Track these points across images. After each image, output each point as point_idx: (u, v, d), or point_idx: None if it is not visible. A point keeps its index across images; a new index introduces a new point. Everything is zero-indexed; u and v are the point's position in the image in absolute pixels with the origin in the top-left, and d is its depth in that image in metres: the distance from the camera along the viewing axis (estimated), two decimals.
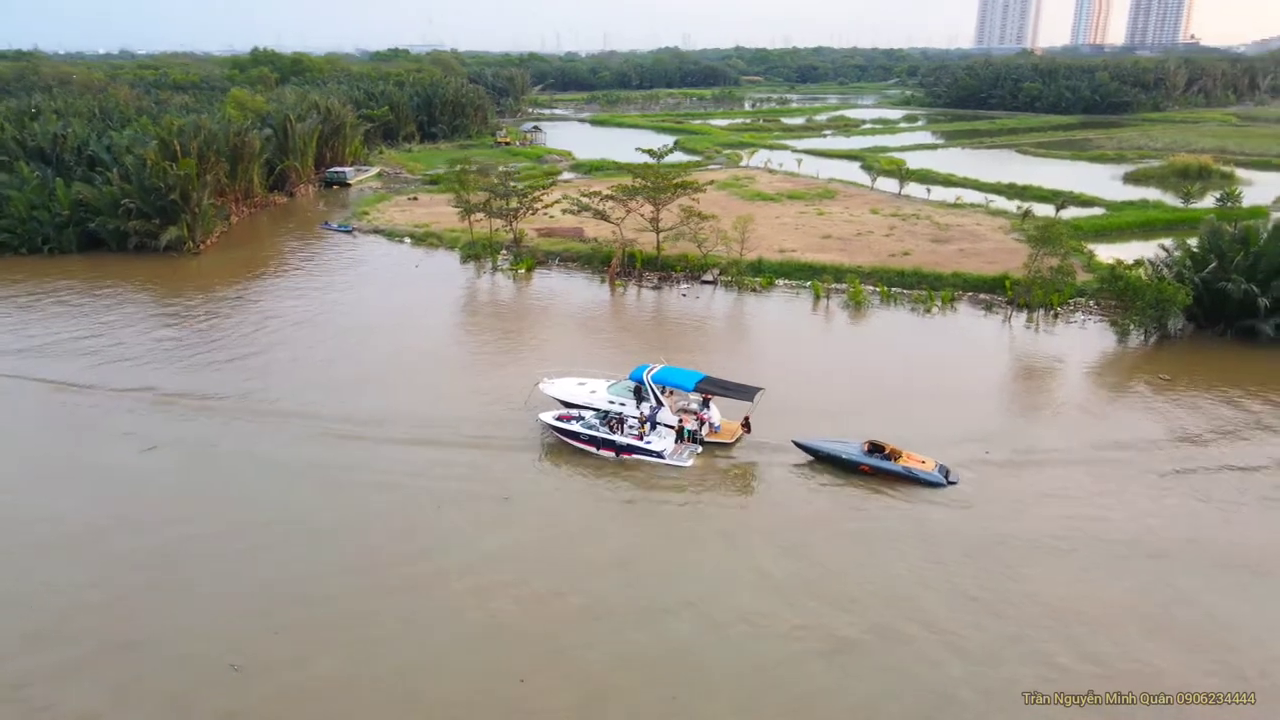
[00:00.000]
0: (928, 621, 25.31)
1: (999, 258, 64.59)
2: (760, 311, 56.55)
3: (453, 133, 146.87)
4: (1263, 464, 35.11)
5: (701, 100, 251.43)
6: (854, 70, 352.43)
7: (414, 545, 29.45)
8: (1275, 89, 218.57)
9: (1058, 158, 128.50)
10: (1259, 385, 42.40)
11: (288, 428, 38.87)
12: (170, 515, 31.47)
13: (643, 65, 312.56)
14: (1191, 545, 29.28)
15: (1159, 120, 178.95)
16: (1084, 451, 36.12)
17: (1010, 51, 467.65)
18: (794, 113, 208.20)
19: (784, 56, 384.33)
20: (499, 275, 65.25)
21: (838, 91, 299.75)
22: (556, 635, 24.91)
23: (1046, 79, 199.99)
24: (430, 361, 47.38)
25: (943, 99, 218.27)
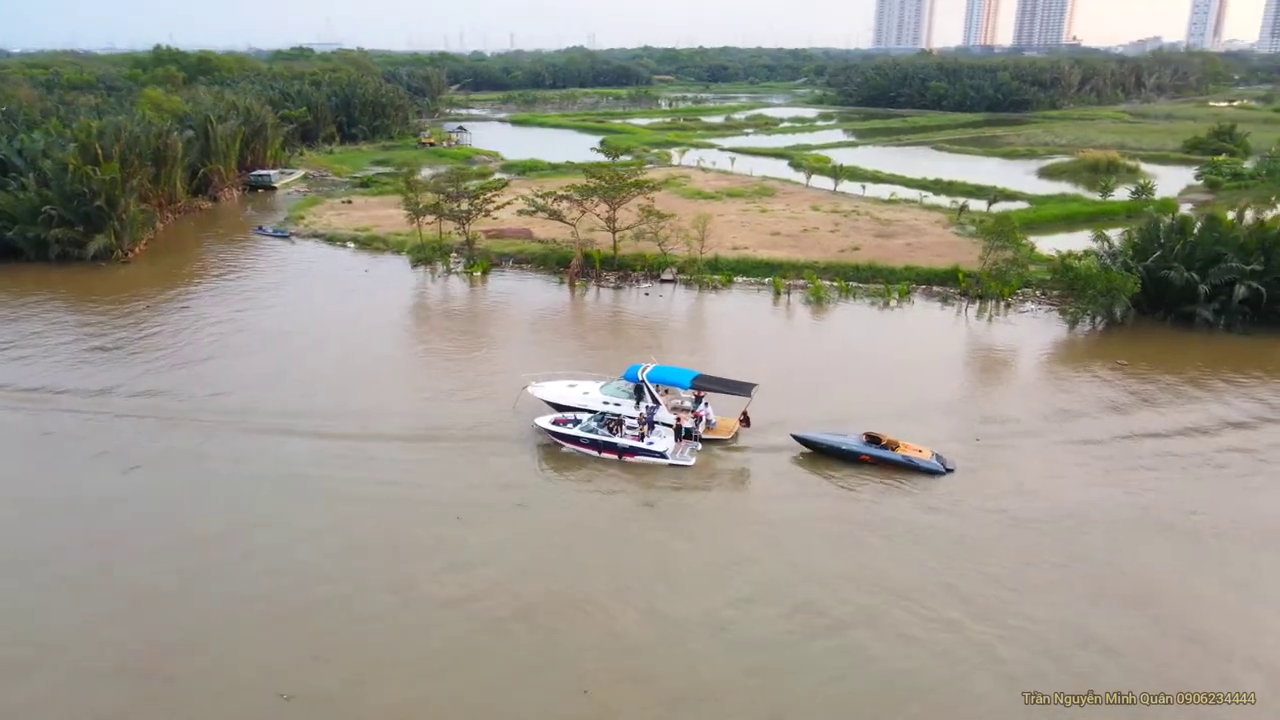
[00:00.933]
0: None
1: (944, 251, 66.73)
2: (725, 309, 57.05)
3: (373, 134, 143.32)
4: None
5: (617, 100, 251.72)
6: (763, 70, 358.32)
7: (445, 558, 28.65)
8: (1159, 87, 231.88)
9: (971, 154, 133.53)
10: (1209, 366, 45.00)
11: (275, 440, 37.36)
12: (181, 541, 29.77)
13: (555, 65, 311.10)
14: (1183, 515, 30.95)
15: (1057, 117, 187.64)
16: (1075, 431, 37.77)
17: (908, 52, 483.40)
18: (712, 111, 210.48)
19: (693, 56, 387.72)
20: (453, 279, 64.02)
21: (748, 90, 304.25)
22: (612, 645, 24.49)
23: (951, 78, 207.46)
24: (405, 367, 46.41)
25: (853, 98, 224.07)
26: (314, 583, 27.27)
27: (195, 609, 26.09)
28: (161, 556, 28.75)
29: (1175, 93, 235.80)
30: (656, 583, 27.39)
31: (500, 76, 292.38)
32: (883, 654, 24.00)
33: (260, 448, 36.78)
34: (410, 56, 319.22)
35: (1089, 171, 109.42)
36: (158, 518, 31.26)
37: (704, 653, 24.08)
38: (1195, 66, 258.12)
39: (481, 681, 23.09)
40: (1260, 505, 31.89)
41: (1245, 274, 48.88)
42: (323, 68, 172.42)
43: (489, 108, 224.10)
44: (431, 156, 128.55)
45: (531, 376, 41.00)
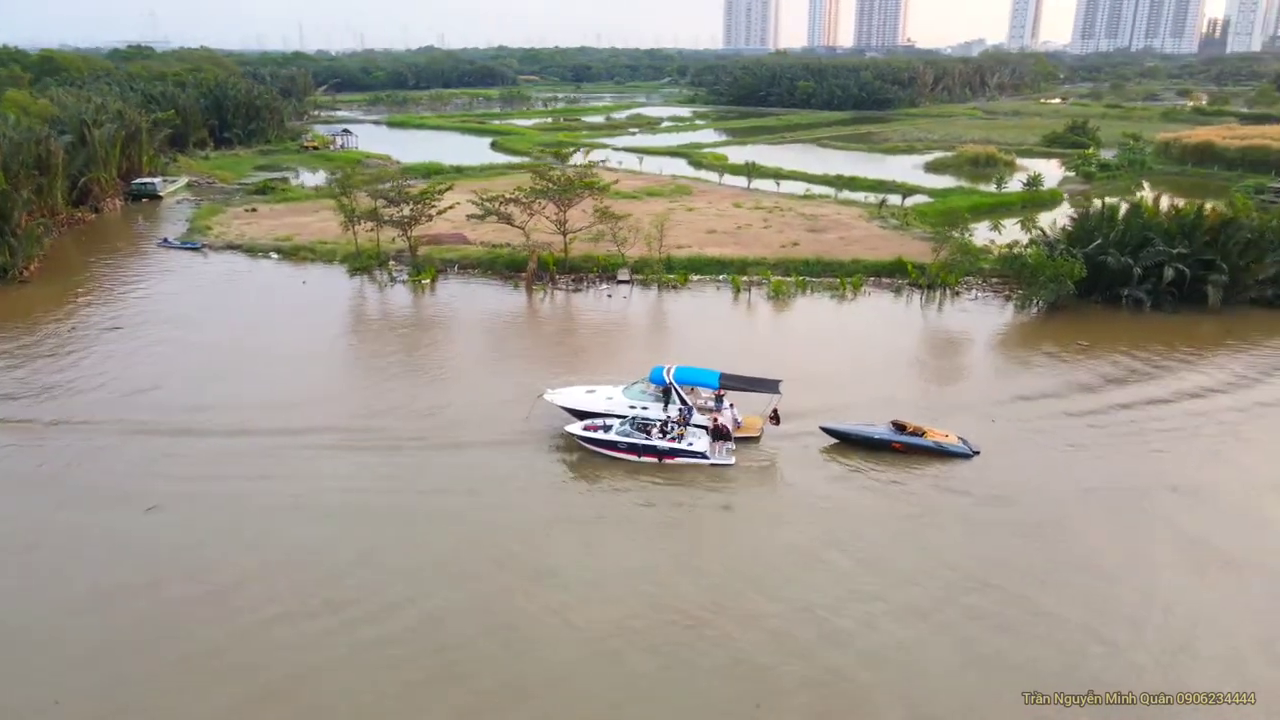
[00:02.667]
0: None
1: (877, 244, 69.55)
2: (691, 307, 57.36)
3: (249, 138, 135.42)
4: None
5: (488, 100, 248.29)
6: (625, 70, 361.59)
7: (547, 574, 27.69)
8: (1000, 86, 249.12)
9: (855, 150, 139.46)
10: (1160, 342, 48.94)
11: (308, 461, 34.94)
12: (239, 592, 27.35)
13: (417, 65, 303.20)
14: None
15: (918, 115, 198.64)
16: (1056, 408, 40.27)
17: (759, 52, 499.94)
18: (589, 111, 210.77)
19: (554, 56, 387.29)
20: (398, 288, 61.49)
21: (614, 90, 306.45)
22: (761, 657, 24.00)
23: (818, 78, 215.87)
24: (400, 382, 44.08)
25: (725, 97, 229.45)
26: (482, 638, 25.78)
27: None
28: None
29: (1014, 91, 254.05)
30: (788, 585, 27.31)
31: (360, 77, 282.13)
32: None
33: (319, 471, 34.32)
34: (259, 56, 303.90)
35: (971, 165, 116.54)
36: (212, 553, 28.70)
37: (868, 650, 24.40)
38: (1028, 67, 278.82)
39: (667, 697, 22.60)
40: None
41: (1172, 257, 53.43)
42: (183, 68, 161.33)
43: (358, 109, 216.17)
44: (318, 161, 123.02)
45: (547, 385, 40.07)
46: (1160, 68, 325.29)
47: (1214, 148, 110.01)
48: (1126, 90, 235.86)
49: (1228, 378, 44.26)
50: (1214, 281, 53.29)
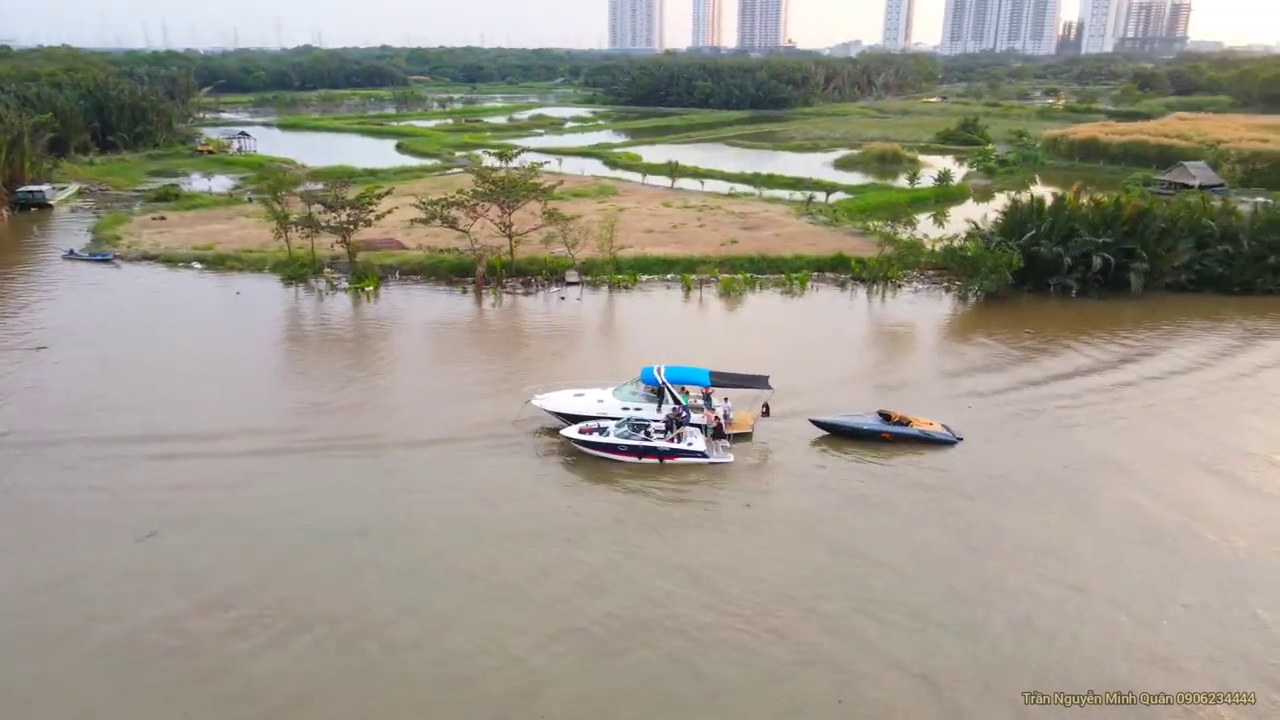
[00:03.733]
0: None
1: (814, 240, 71.32)
2: (648, 307, 57.45)
3: (135, 141, 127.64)
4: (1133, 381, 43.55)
5: (381, 101, 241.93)
6: (517, 70, 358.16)
7: (594, 583, 27.25)
8: (886, 85, 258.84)
9: (763, 149, 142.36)
10: (1088, 327, 51.98)
11: (299, 473, 33.22)
12: (275, 620, 25.82)
13: (301, 65, 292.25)
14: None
15: (813, 114, 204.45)
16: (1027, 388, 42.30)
17: (646, 52, 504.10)
18: (490, 112, 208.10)
19: (442, 56, 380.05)
20: (340, 296, 59.27)
21: (507, 90, 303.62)
22: (831, 656, 24.23)
23: (715, 78, 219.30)
24: (373, 389, 42.49)
25: (624, 97, 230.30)
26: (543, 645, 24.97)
27: None
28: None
29: (898, 90, 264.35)
30: (836, 582, 27.65)
31: (240, 77, 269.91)
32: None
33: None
34: (127, 55, 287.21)
35: (877, 162, 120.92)
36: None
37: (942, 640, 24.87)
38: (910, 67, 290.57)
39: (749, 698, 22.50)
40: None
41: (1098, 246, 56.80)
42: (57, 68, 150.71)
43: (243, 111, 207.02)
44: (216, 165, 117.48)
45: (533, 389, 39.48)
46: (1027, 68, 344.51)
47: (1098, 143, 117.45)
48: (1001, 89, 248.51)
49: (1172, 359, 47.45)
50: (1136, 269, 56.95)
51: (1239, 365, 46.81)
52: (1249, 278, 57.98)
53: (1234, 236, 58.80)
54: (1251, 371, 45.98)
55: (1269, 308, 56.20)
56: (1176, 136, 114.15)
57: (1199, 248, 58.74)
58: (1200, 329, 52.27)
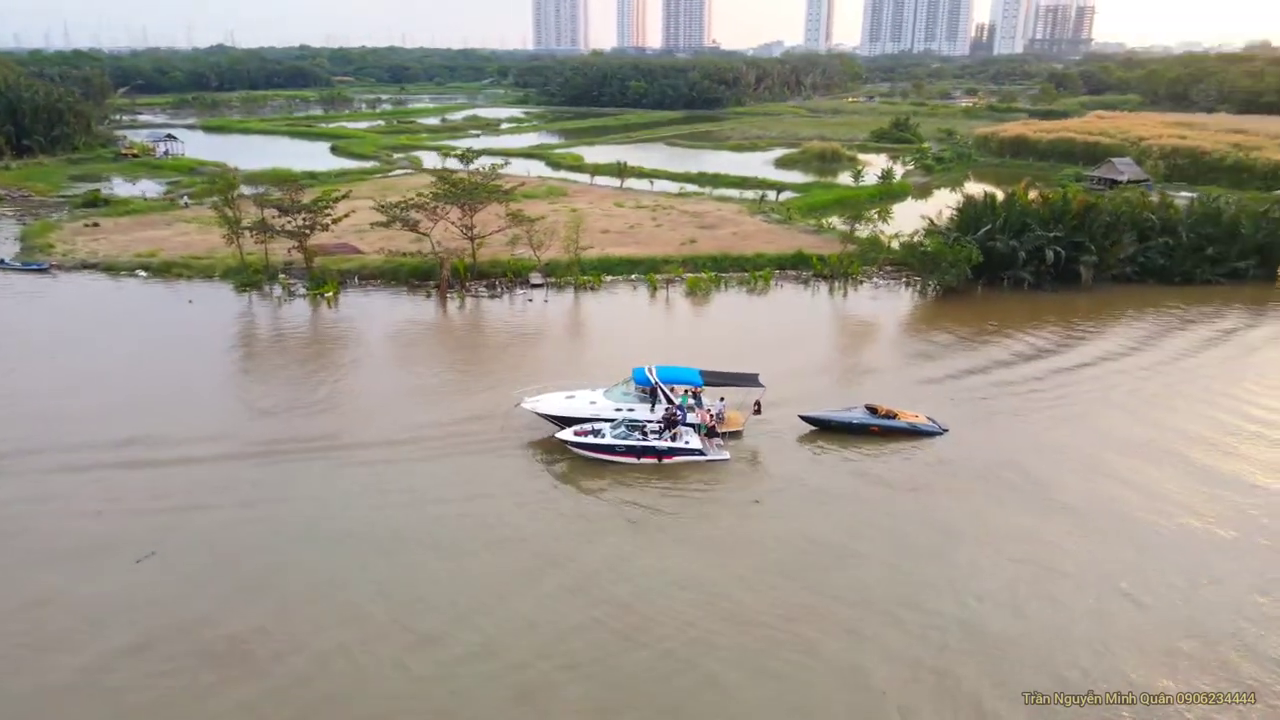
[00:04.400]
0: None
1: (772, 238, 72.16)
2: (617, 307, 57.35)
3: (52, 145, 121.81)
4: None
5: (307, 102, 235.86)
6: (444, 70, 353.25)
7: (623, 592, 27.00)
8: (815, 85, 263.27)
9: (702, 148, 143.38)
10: (1044, 315, 53.83)
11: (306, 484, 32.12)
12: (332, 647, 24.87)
13: (219, 65, 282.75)
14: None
15: (746, 113, 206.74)
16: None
17: (572, 52, 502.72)
18: (422, 113, 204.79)
19: (366, 56, 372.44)
20: (299, 303, 57.61)
21: (434, 91, 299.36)
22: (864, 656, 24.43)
23: (648, 79, 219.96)
24: (355, 394, 41.39)
25: (557, 97, 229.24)
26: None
27: None
28: None
29: (826, 90, 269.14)
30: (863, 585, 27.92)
31: (156, 78, 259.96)
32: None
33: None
34: (30, 54, 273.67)
35: (818, 160, 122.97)
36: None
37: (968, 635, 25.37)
38: (836, 67, 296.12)
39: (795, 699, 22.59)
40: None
41: (1050, 240, 58.80)
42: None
43: (163, 113, 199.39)
44: (142, 169, 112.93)
45: (522, 392, 39.04)
46: (946, 68, 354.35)
47: (1027, 141, 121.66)
48: (925, 89, 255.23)
49: (1128, 344, 49.48)
50: (1085, 262, 59.17)
51: (1186, 351, 49.07)
52: (1188, 268, 60.78)
53: (1173, 229, 61.52)
54: (1197, 356, 48.27)
55: (1209, 296, 59.01)
56: (1100, 134, 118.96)
57: (1141, 240, 61.26)
58: (1146, 318, 54.60)
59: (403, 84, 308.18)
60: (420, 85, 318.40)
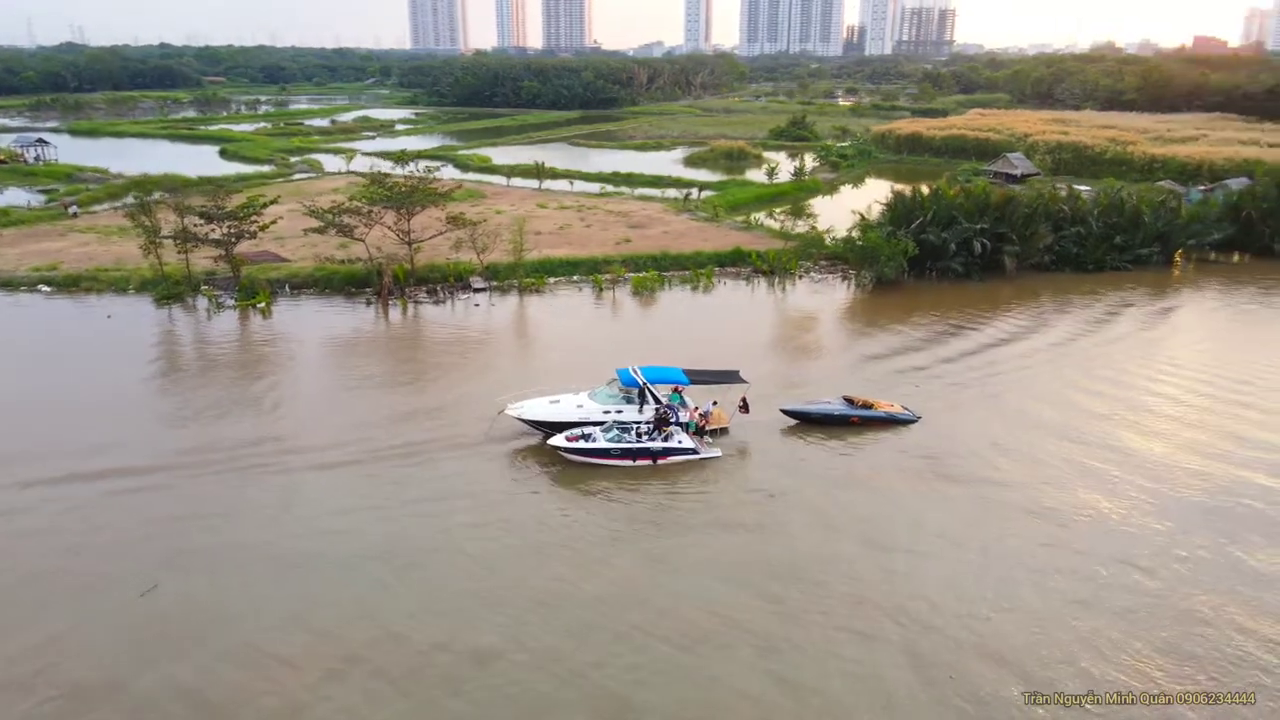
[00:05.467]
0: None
1: (704, 236, 72.87)
2: (569, 309, 56.65)
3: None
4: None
5: (180, 104, 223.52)
6: (323, 71, 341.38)
7: (664, 600, 26.54)
8: (704, 85, 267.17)
9: (607, 148, 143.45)
10: (977, 303, 56.35)
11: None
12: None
13: (77, 64, 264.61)
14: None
15: (640, 112, 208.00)
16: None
17: (451, 52, 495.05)
18: (310, 114, 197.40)
19: (236, 55, 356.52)
20: (228, 314, 54.55)
21: (314, 92, 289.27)
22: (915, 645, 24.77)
23: (542, 79, 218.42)
24: (334, 405, 39.42)
25: (448, 98, 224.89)
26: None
27: None
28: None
29: (714, 90, 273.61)
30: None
31: (5, 78, 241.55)
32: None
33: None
34: None
35: (725, 159, 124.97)
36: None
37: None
38: (723, 68, 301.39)
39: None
40: None
41: (976, 232, 61.53)
42: None
43: (21, 115, 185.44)
44: (13, 176, 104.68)
45: (505, 399, 38.05)
46: (824, 68, 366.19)
47: (921, 138, 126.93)
48: (811, 89, 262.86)
49: (1056, 328, 52.32)
50: (1009, 252, 62.22)
51: (1114, 331, 52.32)
52: (1099, 256, 64.71)
53: (1083, 219, 65.37)
54: (1125, 335, 51.55)
55: (1119, 281, 62.99)
56: (989, 130, 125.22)
57: (1055, 230, 64.82)
58: (1065, 303, 57.90)
59: (283, 85, 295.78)
60: (299, 86, 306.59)
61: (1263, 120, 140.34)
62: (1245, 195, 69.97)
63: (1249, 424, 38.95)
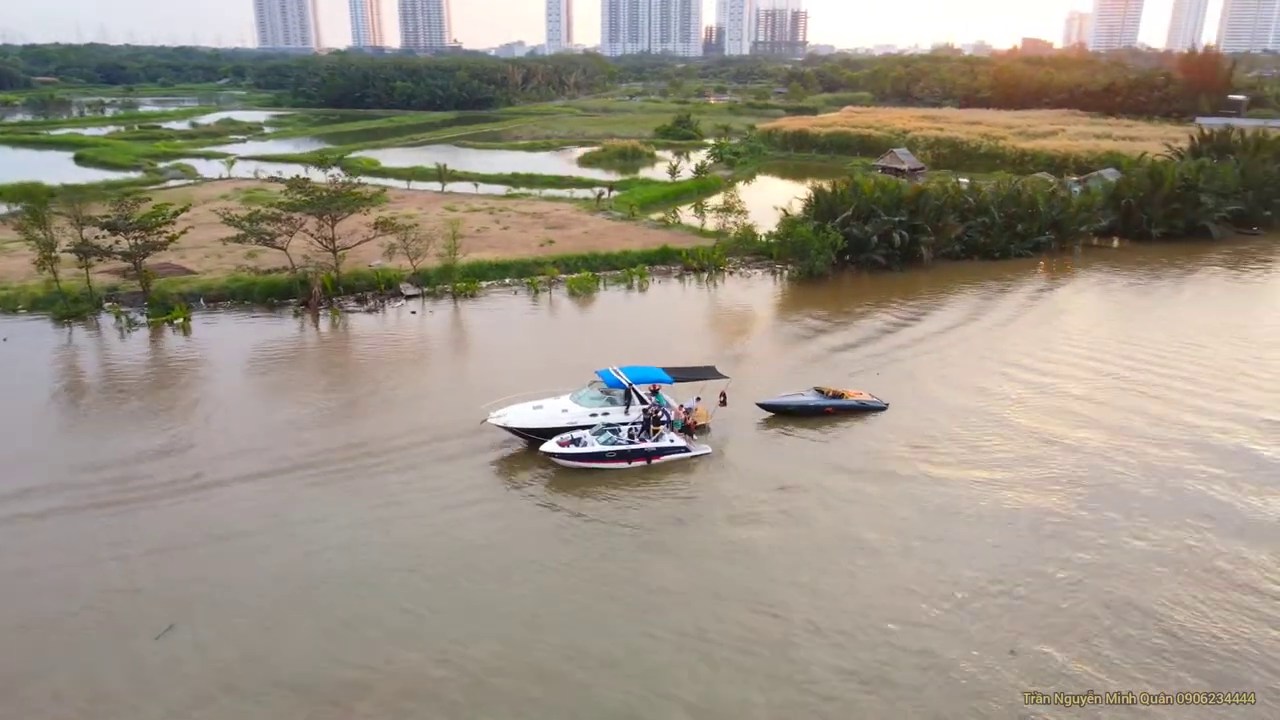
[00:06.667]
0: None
1: (626, 235, 72.95)
2: (512, 313, 55.41)
3: None
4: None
5: (12, 106, 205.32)
6: (169, 71, 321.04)
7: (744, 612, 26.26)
8: (578, 85, 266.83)
9: (496, 149, 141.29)
10: (899, 292, 58.84)
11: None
12: None
13: None
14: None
15: (519, 113, 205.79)
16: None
17: (303, 51, 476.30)
18: (161, 117, 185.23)
19: (68, 54, 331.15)
20: (142, 332, 50.59)
21: (161, 93, 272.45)
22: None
23: (414, 79, 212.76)
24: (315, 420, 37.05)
25: (315, 99, 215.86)
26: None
27: None
28: None
29: (588, 89, 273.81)
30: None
31: None
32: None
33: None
34: None
35: (619, 158, 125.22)
36: None
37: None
38: (595, 68, 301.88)
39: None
40: None
41: (895, 225, 64.11)
42: None
43: None
44: None
45: (490, 405, 36.88)
46: (691, 68, 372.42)
47: (807, 134, 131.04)
48: (684, 88, 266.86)
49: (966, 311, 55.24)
50: (925, 242, 65.13)
51: (1013, 315, 55.68)
52: (1003, 244, 68.59)
53: (986, 210, 69.14)
54: (1020, 319, 54.97)
55: (1022, 267, 67.00)
56: (869, 127, 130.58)
57: (962, 221, 68.29)
58: (979, 289, 61.19)
59: (128, 85, 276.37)
60: (144, 87, 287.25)
61: (1106, 115, 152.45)
62: (1123, 185, 75.76)
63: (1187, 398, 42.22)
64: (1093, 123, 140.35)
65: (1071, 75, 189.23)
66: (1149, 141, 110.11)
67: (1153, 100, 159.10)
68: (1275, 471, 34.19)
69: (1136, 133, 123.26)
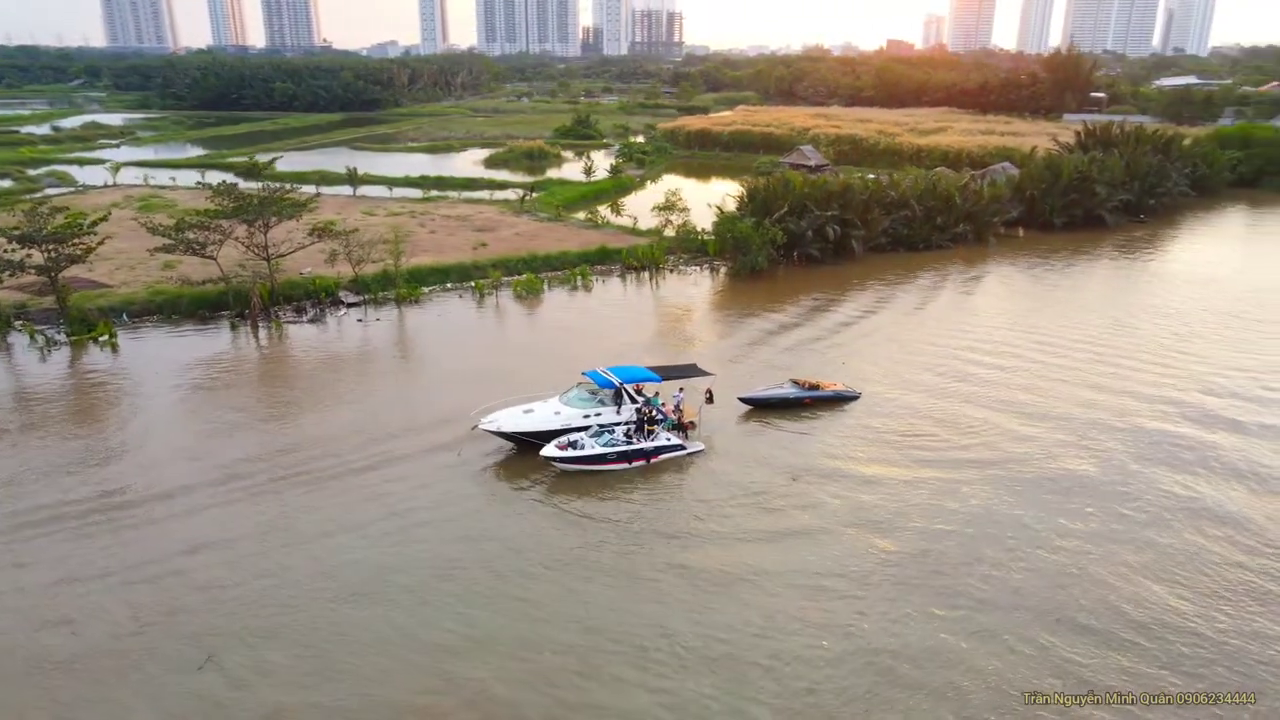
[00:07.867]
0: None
1: (559, 236, 72.45)
2: (457, 317, 54.19)
3: None
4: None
5: None
6: (13, 71, 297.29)
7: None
8: (464, 86, 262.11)
9: (393, 151, 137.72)
10: (835, 284, 60.68)
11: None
12: None
13: None
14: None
15: (408, 114, 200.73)
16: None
17: (159, 51, 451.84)
18: (17, 120, 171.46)
19: None
20: (63, 351, 46.88)
21: (4, 95, 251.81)
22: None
23: (296, 80, 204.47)
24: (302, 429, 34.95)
25: (187, 101, 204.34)
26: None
27: None
28: None
29: (475, 90, 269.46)
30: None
31: None
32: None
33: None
34: None
35: (526, 159, 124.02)
36: None
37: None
38: (480, 68, 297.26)
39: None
40: None
41: (828, 219, 65.92)
42: None
43: None
44: None
45: (480, 412, 35.88)
46: (574, 68, 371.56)
47: (710, 133, 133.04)
48: (572, 88, 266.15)
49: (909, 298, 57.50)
50: (856, 236, 67.26)
51: (941, 299, 58.42)
52: (925, 235, 71.58)
53: (907, 204, 71.93)
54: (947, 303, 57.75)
55: (943, 258, 70.05)
56: (769, 126, 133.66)
57: (886, 214, 70.84)
58: (911, 278, 63.78)
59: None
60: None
61: (983, 113, 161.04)
62: (1025, 178, 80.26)
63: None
64: (974, 120, 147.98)
65: (948, 75, 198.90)
66: (1029, 137, 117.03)
67: (1022, 98, 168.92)
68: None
69: (1015, 129, 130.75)
